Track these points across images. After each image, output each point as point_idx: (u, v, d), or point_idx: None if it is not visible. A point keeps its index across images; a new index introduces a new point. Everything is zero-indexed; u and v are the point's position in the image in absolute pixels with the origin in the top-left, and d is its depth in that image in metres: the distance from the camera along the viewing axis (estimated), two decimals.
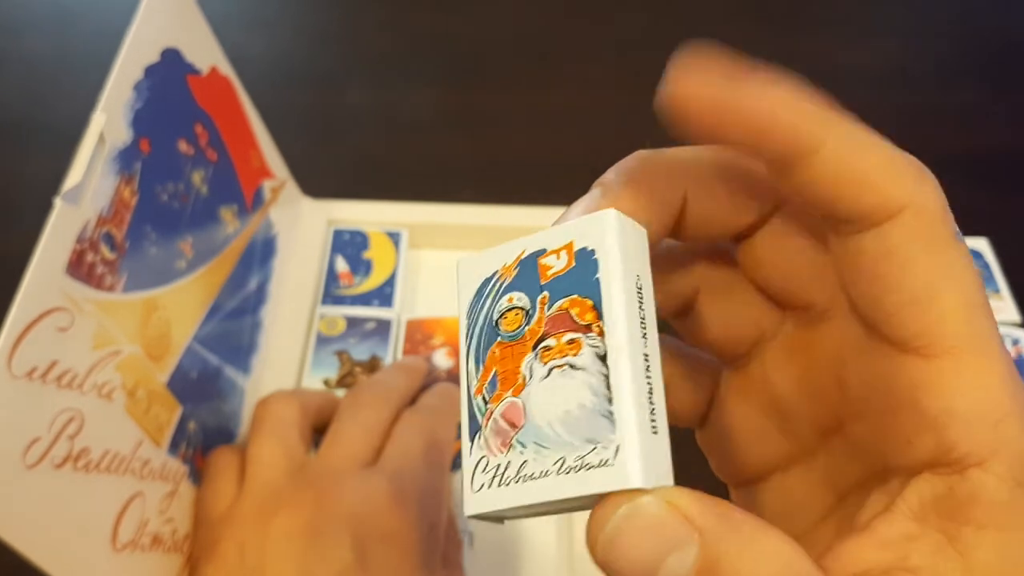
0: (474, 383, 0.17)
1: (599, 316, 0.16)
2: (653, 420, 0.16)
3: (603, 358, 0.16)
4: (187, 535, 0.35)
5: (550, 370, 0.16)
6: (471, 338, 0.18)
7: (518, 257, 0.18)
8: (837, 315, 0.19)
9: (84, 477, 0.28)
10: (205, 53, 0.38)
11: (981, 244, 0.51)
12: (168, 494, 0.33)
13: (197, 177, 0.38)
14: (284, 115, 0.48)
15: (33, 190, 0.32)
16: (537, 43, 0.63)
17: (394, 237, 0.50)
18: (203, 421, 0.37)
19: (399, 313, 0.47)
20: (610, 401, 0.16)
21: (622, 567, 0.15)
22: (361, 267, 0.49)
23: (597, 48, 0.63)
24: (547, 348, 0.16)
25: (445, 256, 0.51)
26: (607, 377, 0.16)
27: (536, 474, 0.15)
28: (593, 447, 0.16)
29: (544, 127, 0.58)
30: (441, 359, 0.45)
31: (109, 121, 0.30)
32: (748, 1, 0.66)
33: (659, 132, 0.18)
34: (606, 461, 0.15)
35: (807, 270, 0.19)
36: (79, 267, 0.28)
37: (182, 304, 0.36)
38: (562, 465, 0.16)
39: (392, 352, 0.46)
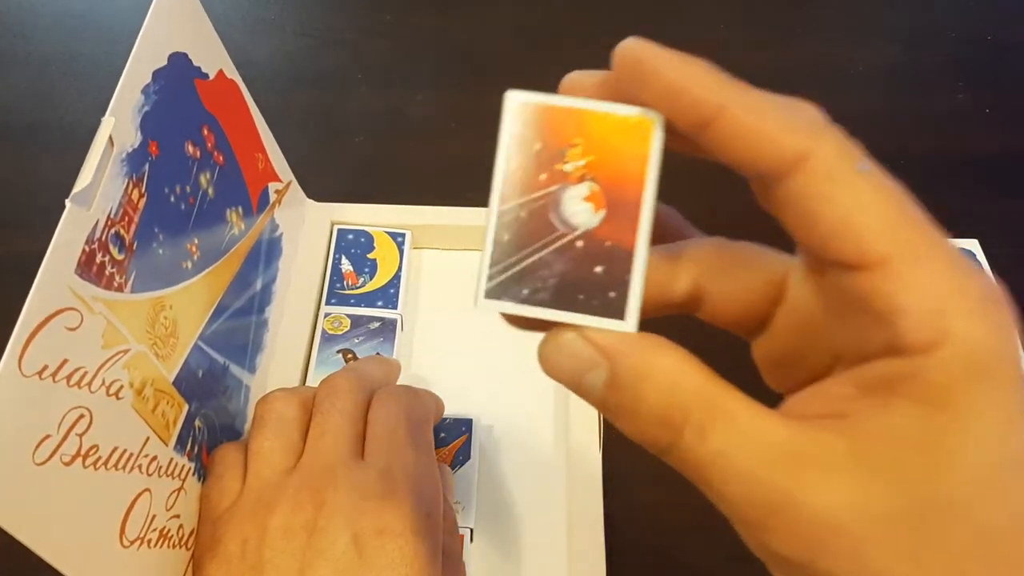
0: None
1: None
2: None
3: None
4: (193, 531, 0.35)
5: None
6: None
7: None
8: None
9: (93, 474, 0.28)
10: (212, 57, 0.39)
11: (972, 245, 0.50)
12: (175, 491, 0.34)
13: (204, 179, 0.38)
14: (289, 118, 0.49)
15: (43, 192, 0.33)
16: (538, 45, 0.64)
17: (398, 238, 0.50)
18: (209, 419, 0.38)
19: (403, 313, 0.48)
20: None
21: (557, 377, 0.20)
22: (365, 267, 0.49)
23: (598, 50, 0.63)
24: None
25: (448, 257, 0.52)
26: None
27: None
28: None
29: None
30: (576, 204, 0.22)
31: (118, 124, 0.30)
32: (748, 4, 0.66)
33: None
34: None
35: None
36: (89, 267, 0.28)
37: (189, 304, 0.36)
38: None
39: (396, 351, 0.46)
